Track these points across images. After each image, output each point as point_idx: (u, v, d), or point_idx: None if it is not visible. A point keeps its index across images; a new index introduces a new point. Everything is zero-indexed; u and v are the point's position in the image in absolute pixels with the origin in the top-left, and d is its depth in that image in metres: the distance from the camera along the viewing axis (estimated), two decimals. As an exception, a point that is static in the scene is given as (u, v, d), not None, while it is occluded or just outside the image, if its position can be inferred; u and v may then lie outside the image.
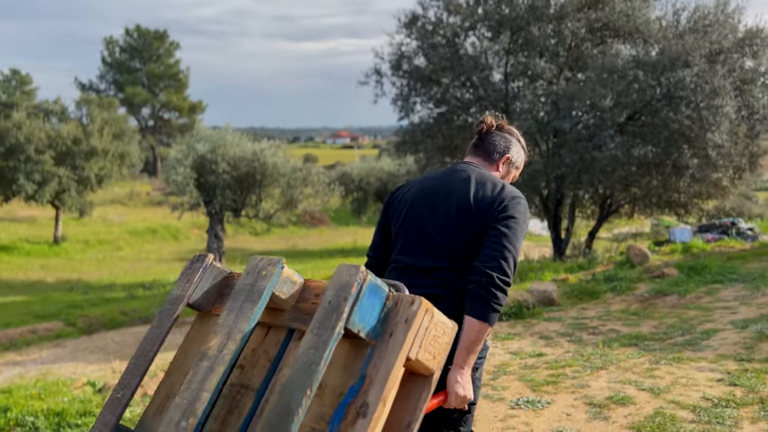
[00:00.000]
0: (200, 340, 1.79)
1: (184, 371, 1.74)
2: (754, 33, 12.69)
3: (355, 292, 1.43)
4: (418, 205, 2.23)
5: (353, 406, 1.41)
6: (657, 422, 3.68)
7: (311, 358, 1.37)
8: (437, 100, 14.48)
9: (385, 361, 1.42)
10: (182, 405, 1.48)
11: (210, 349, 1.54)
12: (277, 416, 1.34)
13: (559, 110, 12.18)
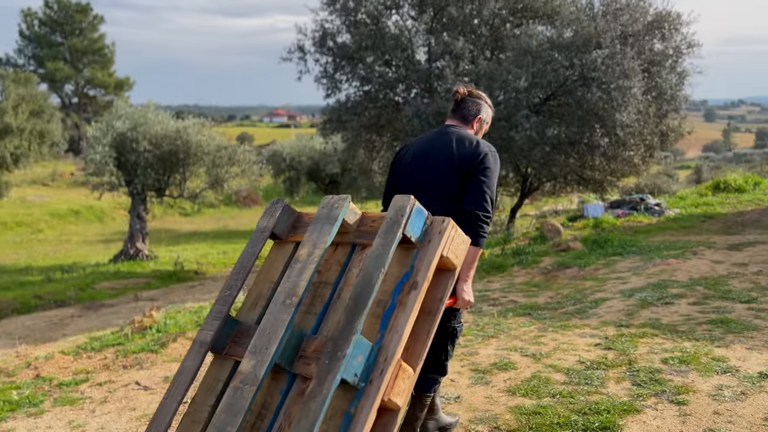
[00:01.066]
0: (278, 260, 2.43)
1: (269, 280, 2.38)
2: (663, 16, 13.21)
3: (408, 211, 2.11)
4: (415, 162, 2.94)
5: (407, 284, 2.11)
6: (532, 385, 3.90)
7: (381, 251, 2.05)
8: (362, 78, 14.46)
9: (427, 256, 2.13)
10: (285, 290, 2.10)
11: (301, 255, 2.18)
12: (361, 283, 2.02)
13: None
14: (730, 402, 3.41)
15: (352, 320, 1.96)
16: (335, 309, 2.21)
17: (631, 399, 3.54)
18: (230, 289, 2.35)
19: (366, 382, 1.96)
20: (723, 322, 4.83)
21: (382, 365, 1.98)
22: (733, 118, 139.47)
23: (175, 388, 2.25)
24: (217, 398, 2.21)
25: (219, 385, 2.24)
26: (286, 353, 2.06)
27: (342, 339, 1.94)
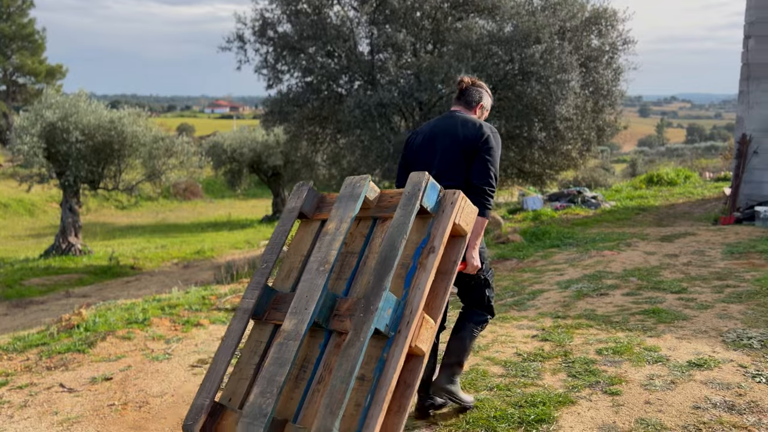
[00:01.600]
0: (306, 236, 2.79)
1: (300, 254, 2.73)
2: (600, 13, 13.52)
3: (424, 185, 2.47)
4: (425, 144, 3.28)
5: (425, 249, 2.45)
6: (470, 378, 3.89)
7: (402, 220, 2.41)
8: (304, 69, 14.25)
9: (442, 224, 2.49)
10: (318, 259, 2.45)
11: (329, 229, 2.53)
12: (387, 248, 2.36)
13: (420, 83, 12.40)
14: (661, 391, 3.48)
15: (381, 279, 2.32)
16: (363, 274, 2.57)
17: (567, 390, 3.57)
18: (266, 263, 2.71)
19: (395, 331, 2.31)
20: (655, 313, 4.94)
21: (408, 317, 2.32)
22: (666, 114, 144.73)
23: (224, 349, 2.57)
24: (260, 357, 2.55)
25: (261, 346, 2.57)
26: (323, 313, 2.41)
27: (374, 295, 2.29)
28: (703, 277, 6.09)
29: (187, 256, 17.00)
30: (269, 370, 2.31)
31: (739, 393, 3.42)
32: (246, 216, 27.90)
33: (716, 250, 7.43)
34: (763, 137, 10.80)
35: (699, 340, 4.27)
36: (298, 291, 2.45)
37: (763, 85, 10.76)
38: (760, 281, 5.75)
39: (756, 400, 3.33)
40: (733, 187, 11.08)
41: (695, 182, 16.18)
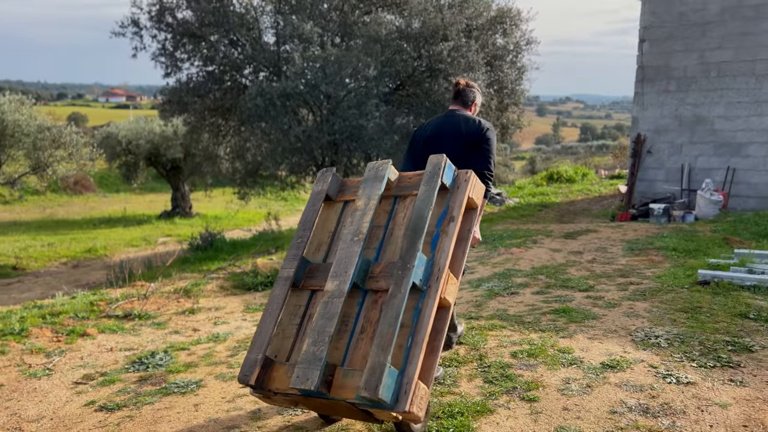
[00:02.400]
0: (331, 215, 3.18)
1: (327, 230, 3.14)
2: (504, 12, 13.75)
3: (443, 165, 2.92)
4: (432, 137, 3.81)
5: (446, 218, 2.90)
6: (384, 388, 3.68)
7: (427, 194, 2.87)
8: (206, 57, 13.59)
9: (458, 198, 2.96)
10: (351, 231, 2.88)
11: (359, 206, 2.96)
12: (416, 218, 2.82)
13: (327, 75, 12.11)
14: (578, 396, 3.42)
15: (414, 243, 2.77)
16: (390, 243, 3.00)
17: (484, 398, 3.44)
18: (301, 237, 3.09)
19: (427, 285, 2.76)
20: (565, 312, 4.95)
21: (437, 274, 2.78)
22: (562, 114, 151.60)
23: (269, 312, 2.92)
24: (300, 319, 2.95)
25: (300, 309, 2.98)
26: (360, 275, 2.84)
27: (409, 256, 2.74)
28: (608, 275, 6.21)
29: (76, 255, 15.83)
30: (318, 323, 2.71)
31: (652, 395, 3.42)
32: (143, 211, 26.49)
33: (617, 247, 7.65)
34: (656, 137, 11.34)
35: (610, 340, 4.29)
36: (336, 258, 2.88)
37: (657, 87, 11.30)
38: (660, 278, 5.93)
39: (668, 402, 3.33)
40: (628, 184, 11.57)
41: (592, 179, 16.87)
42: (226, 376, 4.09)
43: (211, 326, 5.42)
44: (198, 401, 3.72)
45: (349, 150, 12.82)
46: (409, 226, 2.84)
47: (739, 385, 3.54)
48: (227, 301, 6.29)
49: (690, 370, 3.73)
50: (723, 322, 4.58)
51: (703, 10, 10.78)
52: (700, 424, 3.13)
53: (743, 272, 5.67)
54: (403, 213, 3.07)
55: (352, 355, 2.76)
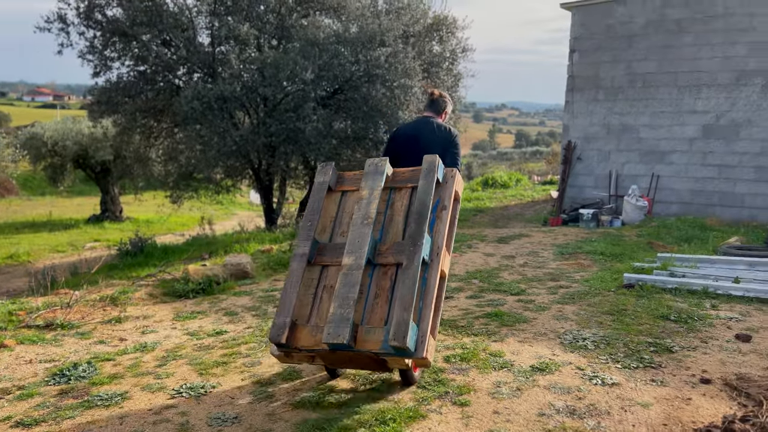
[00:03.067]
0: (332, 203, 3.78)
1: (330, 216, 3.74)
2: (441, 20, 13.93)
3: (437, 164, 3.59)
4: (407, 140, 4.46)
5: (440, 207, 3.56)
6: (317, 395, 3.66)
7: (427, 186, 3.52)
8: (137, 57, 13.16)
9: (448, 190, 3.62)
10: (361, 216, 3.49)
11: (363, 196, 3.57)
12: (420, 205, 3.47)
13: (265, 78, 11.95)
14: (508, 399, 3.48)
15: (421, 225, 3.42)
16: (391, 226, 3.60)
17: (417, 404, 3.45)
18: (311, 221, 3.66)
19: (430, 260, 3.42)
20: (497, 316, 5.03)
21: (437, 250, 3.47)
22: (497, 120, 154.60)
23: (291, 283, 3.48)
24: (314, 289, 3.52)
25: (314, 282, 3.55)
26: (370, 251, 3.44)
27: (418, 236, 3.39)
28: (539, 278, 6.36)
29: (-4, 261, 15.01)
30: (341, 291, 3.29)
31: (579, 397, 3.51)
32: (70, 215, 25.38)
33: (548, 251, 7.85)
34: (586, 145, 11.73)
35: (540, 343, 4.38)
36: (349, 238, 3.47)
37: (586, 96, 11.69)
38: (588, 281, 6.12)
39: (594, 403, 3.43)
40: (560, 190, 11.92)
41: (525, 185, 17.29)
42: (153, 387, 3.96)
43: (139, 335, 5.24)
44: (123, 414, 3.58)
45: (286, 153, 12.68)
46: (414, 212, 3.53)
47: (660, 385, 3.68)
48: (156, 309, 6.09)
49: (615, 372, 3.86)
50: (646, 324, 4.76)
51: (629, 23, 11.23)
52: (624, 424, 3.24)
53: (665, 275, 5.92)
54: (401, 202, 3.69)
55: (370, 316, 3.36)
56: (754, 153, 10.26)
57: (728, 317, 4.93)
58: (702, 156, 10.71)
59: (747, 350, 4.26)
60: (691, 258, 6.40)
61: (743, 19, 10.18)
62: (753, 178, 10.30)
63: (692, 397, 3.55)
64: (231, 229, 16.01)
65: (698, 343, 4.38)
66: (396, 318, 3.20)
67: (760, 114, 10.19)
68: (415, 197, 3.59)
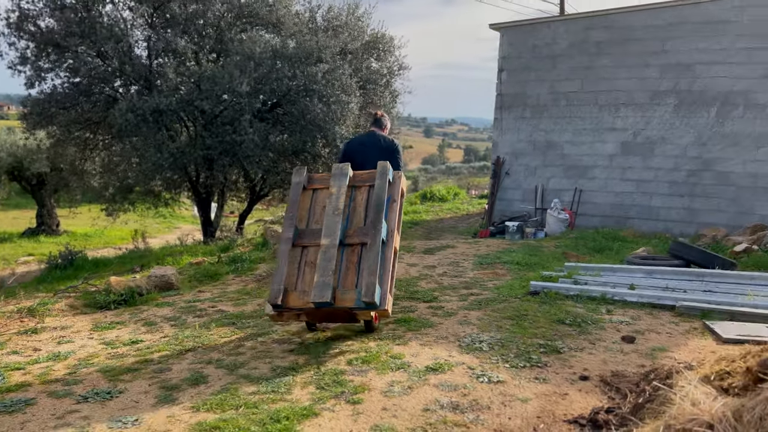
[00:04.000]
0: (306, 199, 4.98)
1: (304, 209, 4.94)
2: (378, 38, 14.29)
3: (388, 169, 4.99)
4: (360, 149, 5.62)
5: (391, 201, 4.95)
6: (219, 398, 3.80)
7: (382, 185, 4.88)
8: (72, 69, 13.04)
9: (396, 188, 5.09)
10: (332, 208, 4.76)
11: (333, 192, 4.83)
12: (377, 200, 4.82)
13: (202, 91, 12.02)
14: (398, 397, 3.71)
15: (378, 214, 4.68)
16: (354, 216, 4.81)
17: (312, 403, 3.65)
18: (292, 213, 4.89)
19: (386, 240, 4.71)
20: (406, 321, 5.28)
21: (391, 233, 4.79)
22: (447, 135, 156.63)
23: (282, 259, 4.69)
24: (297, 265, 4.71)
25: (297, 259, 4.73)
26: (341, 235, 4.67)
27: (377, 222, 4.66)
28: (453, 287, 6.65)
29: None
30: (321, 264, 4.53)
31: (464, 393, 3.77)
32: (5, 229, 24.62)
33: (469, 261, 8.18)
34: (513, 160, 12.20)
35: (440, 346, 4.64)
36: (324, 225, 4.71)
37: (514, 113, 12.18)
38: (498, 289, 6.44)
39: (477, 399, 3.69)
40: (489, 203, 12.34)
41: (463, 199, 17.74)
42: (59, 393, 4.03)
43: (54, 345, 5.27)
44: (25, 419, 3.66)
45: (223, 166, 12.75)
46: (372, 204, 4.80)
47: (542, 382, 3.98)
48: (75, 320, 6.12)
49: (503, 371, 4.14)
50: (542, 327, 5.08)
51: (553, 44, 11.79)
52: (501, 417, 3.51)
53: (569, 283, 6.29)
54: (361, 197, 4.92)
55: (344, 282, 4.59)
56: (668, 169, 10.90)
57: (619, 321, 5.29)
58: (621, 171, 11.30)
59: (629, 350, 4.61)
60: (595, 267, 6.81)
61: (656, 43, 10.84)
62: (667, 193, 10.93)
63: (569, 392, 3.85)
64: (171, 243, 15.89)
65: (586, 345, 4.71)
66: (365, 281, 4.46)
67: (672, 132, 10.85)
68: (373, 193, 4.86)
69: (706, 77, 10.52)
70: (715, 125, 10.50)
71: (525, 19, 12.56)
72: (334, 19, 13.69)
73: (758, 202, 10.28)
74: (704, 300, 5.64)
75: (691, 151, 10.73)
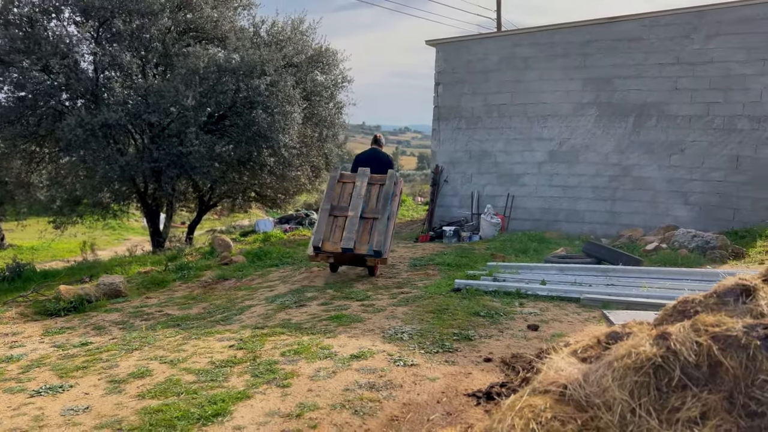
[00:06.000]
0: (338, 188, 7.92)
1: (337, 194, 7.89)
2: (322, 52, 14.83)
3: (396, 174, 8.15)
4: (366, 162, 8.37)
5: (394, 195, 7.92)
6: (162, 388, 4.24)
7: (390, 184, 7.90)
8: (16, 83, 13.15)
9: (399, 187, 8.23)
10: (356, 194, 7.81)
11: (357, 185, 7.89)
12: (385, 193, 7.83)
13: (149, 104, 12.33)
14: (323, 380, 4.23)
15: (386, 201, 7.70)
16: (369, 201, 7.73)
17: (246, 388, 4.14)
18: (329, 195, 7.81)
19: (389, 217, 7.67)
20: (338, 318, 5.80)
21: (393, 213, 7.90)
22: (401, 143, 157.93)
23: (321, 222, 7.62)
24: (331, 227, 7.59)
25: (331, 223, 7.61)
26: (361, 212, 7.62)
27: (385, 206, 7.66)
28: (387, 287, 7.21)
29: None
30: (348, 227, 7.46)
31: (381, 375, 4.31)
32: (-55, 244, 24.12)
33: (405, 263, 8.76)
34: (451, 168, 12.89)
35: (366, 338, 5.18)
36: (351, 204, 7.64)
37: (450, 124, 12.88)
38: (427, 288, 7.02)
39: (392, 380, 4.24)
40: (429, 210, 12.99)
41: (409, 205, 18.40)
42: (14, 389, 4.41)
43: (6, 350, 5.60)
44: (-18, 412, 4.03)
45: (171, 177, 13.06)
46: (382, 196, 7.70)
47: (450, 365, 4.55)
48: (26, 327, 6.43)
49: (418, 356, 4.70)
50: (459, 319, 5.68)
51: (485, 60, 12.55)
52: (411, 393, 4.06)
53: (489, 280, 6.92)
54: (375, 190, 7.78)
55: (360, 239, 7.44)
56: (591, 175, 11.75)
57: (529, 312, 5.93)
58: (549, 178, 12.11)
59: (532, 336, 5.24)
60: (513, 265, 7.48)
61: (577, 58, 11.70)
62: (591, 197, 11.77)
63: (473, 372, 4.43)
64: (120, 254, 16.02)
65: (495, 333, 5.32)
66: (375, 239, 7.39)
67: (594, 141, 11.71)
68: (383, 189, 7.78)
69: (623, 90, 11.42)
70: (633, 134, 11.40)
71: (458, 36, 13.30)
72: (278, 34, 14.17)
73: (673, 205, 11.20)
74: (605, 292, 6.35)
75: (612, 158, 11.61)
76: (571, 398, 3.28)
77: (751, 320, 3.12)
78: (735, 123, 10.61)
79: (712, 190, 10.86)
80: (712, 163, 10.84)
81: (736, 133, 10.60)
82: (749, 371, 2.88)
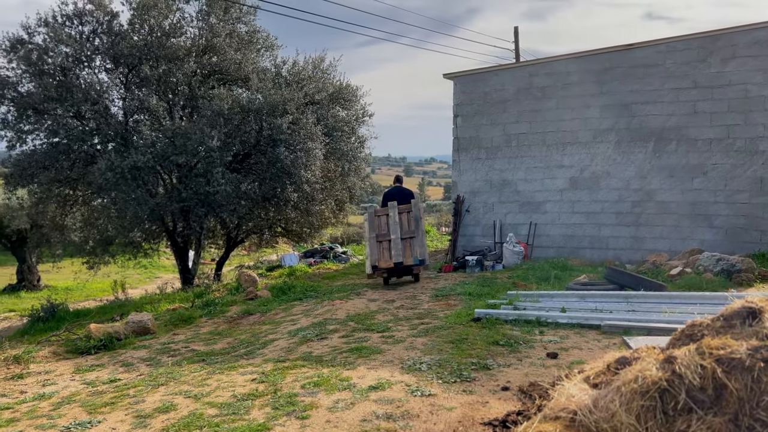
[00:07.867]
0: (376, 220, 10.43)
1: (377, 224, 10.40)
2: (343, 88, 15.16)
3: (419, 202, 11.08)
4: (394, 196, 10.94)
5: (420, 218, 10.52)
6: (186, 421, 4.37)
7: (417, 210, 10.52)
8: (51, 130, 13.70)
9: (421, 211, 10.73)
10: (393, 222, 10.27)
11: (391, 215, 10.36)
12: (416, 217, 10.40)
13: (176, 146, 12.72)
14: (341, 411, 4.31)
15: (418, 223, 10.26)
16: (403, 225, 10.20)
17: (267, 420, 4.24)
18: (372, 227, 10.33)
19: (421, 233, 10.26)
20: (358, 350, 5.89)
21: (422, 232, 10.35)
22: (427, 173, 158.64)
23: (371, 247, 10.11)
24: (378, 249, 10.09)
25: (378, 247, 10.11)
26: (401, 234, 10.12)
27: (417, 226, 10.23)
28: (407, 318, 7.28)
29: None
30: (395, 247, 9.97)
31: (398, 405, 4.38)
32: (-16, 286, 24.84)
33: (426, 294, 8.83)
34: (473, 198, 12.98)
35: (385, 369, 5.25)
36: (390, 229, 10.16)
37: (470, 155, 13.01)
38: (447, 318, 7.08)
39: (409, 410, 4.30)
40: (452, 240, 13.05)
41: (433, 236, 18.45)
42: (45, 426, 4.58)
43: (39, 387, 5.80)
44: (15, 448, 4.20)
45: (199, 216, 13.37)
46: (412, 219, 10.19)
47: (468, 394, 4.60)
48: (59, 365, 6.64)
49: (435, 386, 4.76)
50: (478, 348, 5.72)
51: (502, 91, 12.71)
52: (427, 423, 4.12)
53: (509, 309, 6.95)
54: (406, 217, 10.21)
55: (405, 254, 9.86)
56: (613, 201, 11.72)
57: (549, 340, 5.95)
58: (571, 205, 12.11)
59: (551, 364, 5.25)
60: (534, 294, 7.49)
61: (594, 86, 11.78)
62: (614, 223, 11.73)
63: (490, 401, 4.47)
64: (151, 292, 16.35)
65: (514, 361, 5.35)
66: (418, 251, 9.82)
67: (615, 167, 11.71)
68: (412, 214, 10.18)
69: (641, 116, 11.44)
70: (653, 159, 11.38)
71: (475, 69, 13.51)
72: (299, 73, 14.55)
73: (697, 228, 11.09)
74: (626, 318, 6.34)
75: (634, 183, 11.58)
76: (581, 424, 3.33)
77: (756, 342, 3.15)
78: (757, 145, 10.54)
79: (737, 212, 10.75)
80: (735, 186, 10.75)
81: (759, 154, 10.52)
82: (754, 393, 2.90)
